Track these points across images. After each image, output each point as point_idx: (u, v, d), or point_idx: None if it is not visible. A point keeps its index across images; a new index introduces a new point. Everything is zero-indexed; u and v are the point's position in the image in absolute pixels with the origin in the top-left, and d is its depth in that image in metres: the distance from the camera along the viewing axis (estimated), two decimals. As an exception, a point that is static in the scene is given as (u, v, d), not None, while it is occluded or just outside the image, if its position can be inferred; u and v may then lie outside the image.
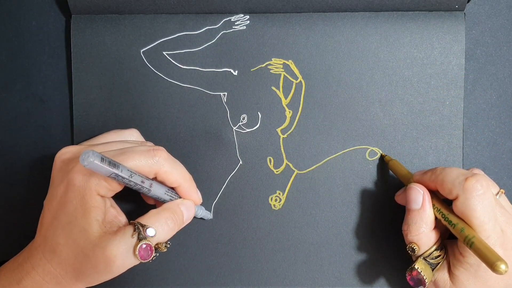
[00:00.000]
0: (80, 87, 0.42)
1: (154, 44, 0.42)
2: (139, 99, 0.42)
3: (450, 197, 0.35)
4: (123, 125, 0.42)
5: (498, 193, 0.37)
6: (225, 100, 0.42)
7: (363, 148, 0.42)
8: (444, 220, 0.35)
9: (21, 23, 0.43)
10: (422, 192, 0.36)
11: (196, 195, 0.39)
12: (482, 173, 0.39)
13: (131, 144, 0.38)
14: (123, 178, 0.33)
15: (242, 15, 0.42)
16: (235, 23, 0.42)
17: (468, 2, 0.41)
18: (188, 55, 0.42)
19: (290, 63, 0.42)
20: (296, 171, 0.42)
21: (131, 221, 0.35)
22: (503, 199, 0.38)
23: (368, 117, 0.42)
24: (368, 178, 0.42)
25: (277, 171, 0.42)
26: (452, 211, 0.35)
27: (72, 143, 0.42)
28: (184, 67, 0.42)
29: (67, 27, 0.43)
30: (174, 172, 0.36)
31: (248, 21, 0.42)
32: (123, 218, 0.37)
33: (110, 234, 0.33)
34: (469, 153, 0.43)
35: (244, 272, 0.42)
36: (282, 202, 0.42)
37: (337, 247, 0.42)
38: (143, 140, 0.41)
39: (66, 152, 0.36)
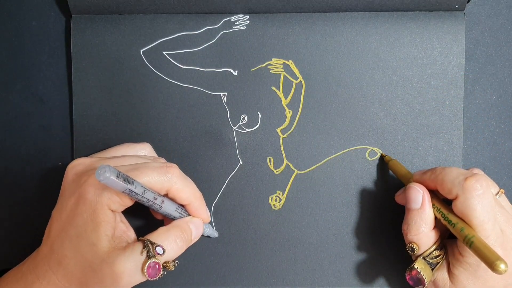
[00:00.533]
0: (80, 87, 0.42)
1: (154, 44, 0.42)
2: (139, 99, 0.42)
3: (449, 196, 0.35)
4: (123, 125, 0.42)
5: (498, 193, 0.37)
6: (225, 100, 0.42)
7: (363, 148, 0.42)
8: (444, 219, 0.35)
9: (21, 23, 0.43)
10: (422, 192, 0.36)
11: (205, 213, 0.39)
12: (482, 173, 0.39)
13: (144, 159, 0.38)
14: (137, 194, 0.33)
15: (242, 15, 0.42)
16: (235, 23, 0.42)
17: (468, 2, 0.41)
18: (188, 55, 0.42)
19: (290, 63, 0.42)
20: (296, 171, 0.42)
21: (140, 238, 0.34)
22: (503, 199, 0.38)
23: (368, 117, 0.42)
24: (368, 178, 0.42)
25: (277, 171, 0.42)
26: (451, 211, 0.35)
27: (72, 143, 0.42)
28: (184, 67, 0.42)
29: (67, 27, 0.43)
30: (186, 189, 0.36)
31: (248, 21, 0.42)
32: (131, 234, 0.37)
33: (118, 250, 0.33)
34: (469, 153, 0.43)
35: (244, 272, 0.42)
36: (282, 202, 0.42)
37: (337, 247, 0.42)
38: (155, 155, 0.41)
39: (79, 164, 0.36)
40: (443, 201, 0.36)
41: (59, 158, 0.43)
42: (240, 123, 0.42)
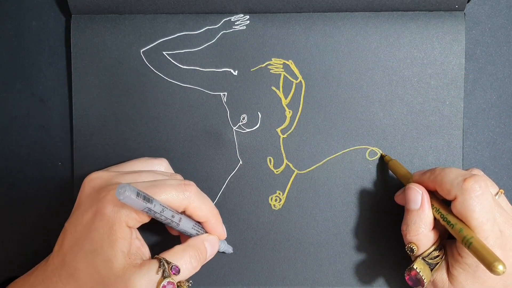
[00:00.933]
0: (80, 87, 0.42)
1: (154, 44, 0.42)
2: (139, 99, 0.42)
3: (448, 197, 0.35)
4: (123, 125, 0.42)
5: (497, 193, 0.37)
6: (225, 100, 0.42)
7: (363, 148, 0.42)
8: (443, 220, 0.35)
9: (21, 23, 0.43)
10: (421, 192, 0.36)
11: (221, 230, 0.39)
12: (482, 173, 0.39)
13: (161, 175, 0.38)
14: (155, 212, 0.33)
15: (242, 15, 0.42)
16: (235, 23, 0.42)
17: (468, 2, 0.41)
18: (188, 55, 0.42)
19: (290, 63, 0.42)
20: (296, 171, 0.42)
21: (156, 256, 0.34)
22: (503, 200, 0.38)
23: (368, 117, 0.42)
24: (368, 178, 0.42)
25: (277, 171, 0.42)
26: (451, 212, 0.35)
27: (72, 143, 0.42)
28: (184, 67, 0.42)
29: (67, 27, 0.43)
30: (203, 207, 0.36)
31: (248, 21, 0.42)
32: (146, 250, 0.37)
33: (134, 267, 0.33)
34: (469, 153, 0.43)
35: (244, 272, 0.42)
36: (282, 202, 0.42)
37: (337, 247, 0.42)
38: (172, 171, 0.41)
39: (96, 178, 0.36)
40: (442, 202, 0.36)
41: (59, 158, 0.43)
42: (240, 123, 0.42)
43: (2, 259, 0.42)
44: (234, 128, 0.42)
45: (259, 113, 0.42)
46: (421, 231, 0.36)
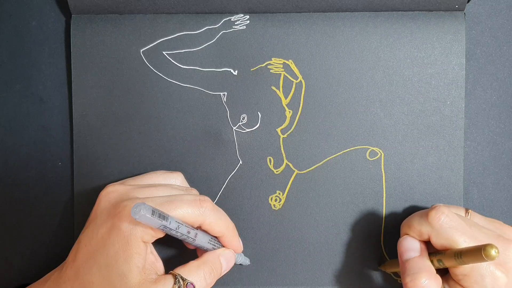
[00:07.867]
0: (80, 87, 0.42)
1: (154, 44, 0.42)
2: (139, 99, 0.42)
3: (424, 238, 0.36)
4: (123, 125, 0.42)
5: (466, 213, 0.37)
6: (225, 100, 0.42)
7: (363, 148, 0.42)
8: (438, 262, 0.35)
9: (21, 23, 0.43)
10: (418, 240, 0.37)
11: (238, 244, 0.39)
12: (442, 205, 0.38)
13: (177, 190, 0.38)
14: (171, 229, 0.33)
15: (242, 15, 0.42)
16: (235, 23, 0.42)
17: (468, 2, 0.41)
18: (188, 55, 0.42)
19: (290, 63, 0.42)
20: (296, 171, 0.42)
21: (171, 272, 0.34)
22: (475, 216, 0.38)
23: (369, 117, 0.42)
24: (368, 178, 0.42)
25: (277, 171, 0.42)
26: (439, 252, 0.35)
27: (72, 143, 0.42)
28: (184, 67, 0.42)
29: (67, 27, 0.43)
30: (219, 222, 0.36)
31: (248, 21, 0.42)
32: (160, 265, 0.37)
33: (149, 283, 0.33)
34: (469, 153, 0.43)
35: (244, 272, 0.42)
36: (282, 202, 0.42)
37: (337, 247, 0.42)
38: (187, 185, 0.41)
39: (112, 191, 0.36)
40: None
41: (59, 158, 0.43)
42: (240, 123, 0.42)
43: (1, 258, 0.42)
44: (234, 128, 0.42)
45: (259, 113, 0.42)
46: (426, 277, 0.34)
